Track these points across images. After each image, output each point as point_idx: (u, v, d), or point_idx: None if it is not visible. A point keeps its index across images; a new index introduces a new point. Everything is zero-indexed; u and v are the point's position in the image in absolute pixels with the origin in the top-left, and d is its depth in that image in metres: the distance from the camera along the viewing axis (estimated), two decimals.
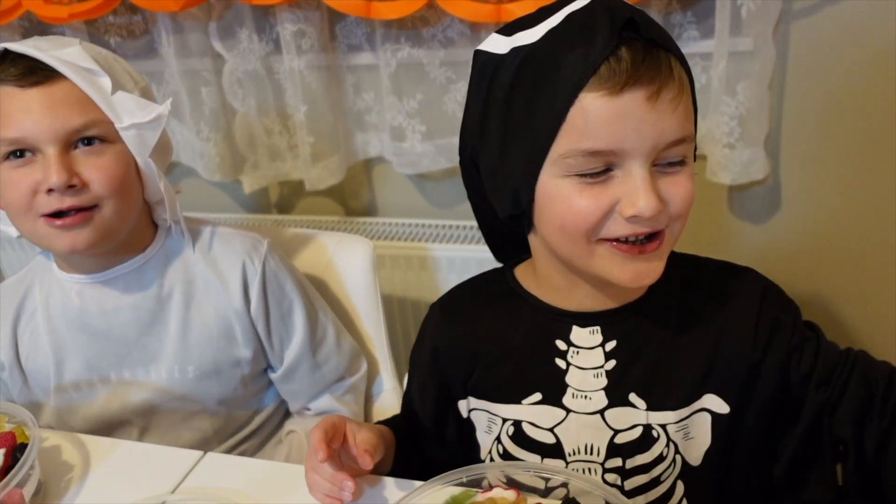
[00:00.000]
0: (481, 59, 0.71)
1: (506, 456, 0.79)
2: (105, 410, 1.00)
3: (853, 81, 1.25)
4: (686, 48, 0.75)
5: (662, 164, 0.67)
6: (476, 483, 0.68)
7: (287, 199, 1.70)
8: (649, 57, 0.64)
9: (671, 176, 0.68)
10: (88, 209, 0.88)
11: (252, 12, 1.43)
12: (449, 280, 1.48)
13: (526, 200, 0.70)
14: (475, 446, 0.83)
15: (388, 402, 1.12)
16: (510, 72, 0.68)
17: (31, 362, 1.00)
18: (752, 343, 0.75)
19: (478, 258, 1.43)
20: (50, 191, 0.85)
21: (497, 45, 0.70)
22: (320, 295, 1.09)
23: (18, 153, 0.87)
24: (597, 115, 0.65)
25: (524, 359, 0.79)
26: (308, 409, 1.07)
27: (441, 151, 1.45)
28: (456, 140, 0.94)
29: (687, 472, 0.76)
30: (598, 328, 0.77)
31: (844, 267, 1.39)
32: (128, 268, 0.97)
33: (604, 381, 0.76)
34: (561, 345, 0.77)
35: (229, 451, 1.04)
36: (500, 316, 0.81)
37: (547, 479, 0.69)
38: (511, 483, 0.68)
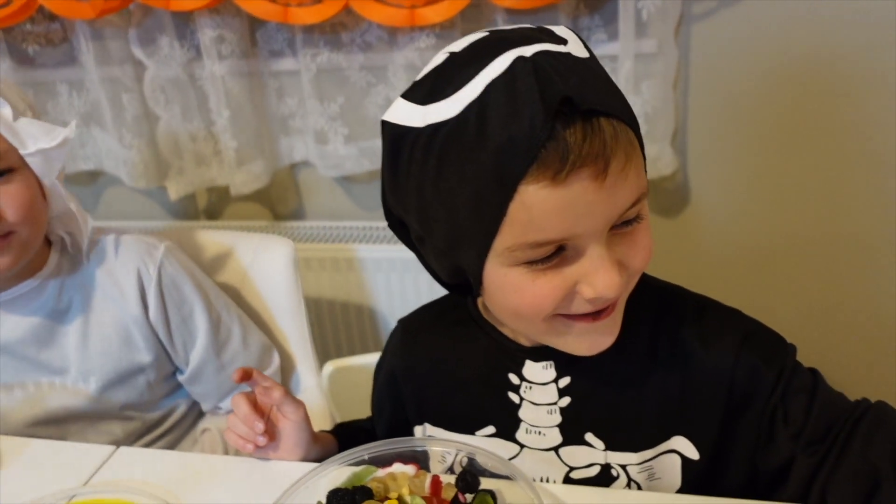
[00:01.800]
0: (393, 131, 0.62)
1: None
2: (28, 413, 1.00)
3: (753, 79, 1.32)
4: (596, 50, 0.73)
5: (618, 226, 0.61)
6: (377, 461, 0.70)
7: (214, 205, 1.71)
8: (591, 132, 0.56)
9: (628, 237, 0.62)
10: (4, 236, 0.89)
11: (172, 19, 1.44)
12: (376, 280, 1.51)
13: (474, 284, 0.65)
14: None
15: (309, 398, 1.14)
16: (431, 153, 0.59)
17: None
18: (727, 391, 0.69)
19: (403, 258, 1.47)
20: None
21: (410, 116, 0.61)
22: (239, 294, 1.11)
23: None
24: (541, 208, 0.57)
25: (478, 390, 0.77)
26: (220, 408, 1.08)
27: (364, 153, 1.48)
28: (378, 143, 0.99)
29: None
30: (552, 363, 0.73)
31: (754, 259, 1.46)
32: (25, 288, 0.97)
33: (558, 418, 0.73)
34: (514, 378, 0.74)
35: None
36: (457, 344, 0.79)
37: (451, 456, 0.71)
38: (411, 459, 0.71)
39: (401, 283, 1.50)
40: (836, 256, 1.41)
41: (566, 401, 0.73)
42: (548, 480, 0.74)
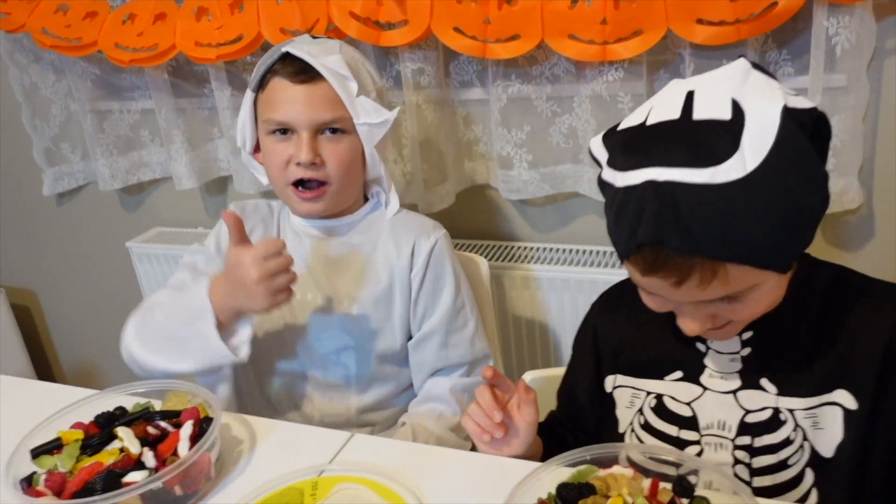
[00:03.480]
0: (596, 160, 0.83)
1: (646, 426, 0.90)
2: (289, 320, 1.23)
3: None
4: (782, 84, 0.82)
5: (712, 303, 0.77)
6: (598, 461, 0.78)
7: None
8: (668, 263, 0.72)
9: (729, 303, 0.77)
10: (323, 183, 1.15)
11: (374, 51, 1.58)
12: (549, 298, 1.59)
13: None
14: (613, 422, 0.94)
15: None
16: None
17: None
18: (884, 349, 0.80)
19: (576, 278, 1.54)
20: (298, 164, 1.13)
21: (600, 156, 0.81)
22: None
23: (282, 131, 1.15)
24: (633, 275, 0.79)
25: (669, 341, 0.90)
26: (420, 392, 1.22)
27: (545, 179, 1.56)
28: (559, 168, 1.40)
29: (818, 462, 0.82)
30: None
31: None
32: (337, 223, 1.24)
33: (739, 365, 0.86)
34: None
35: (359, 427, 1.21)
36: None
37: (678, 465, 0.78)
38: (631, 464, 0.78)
39: (573, 302, 1.57)
40: None
41: (747, 350, 0.86)
42: (724, 425, 0.86)
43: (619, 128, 0.79)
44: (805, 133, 0.72)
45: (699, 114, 0.71)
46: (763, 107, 0.70)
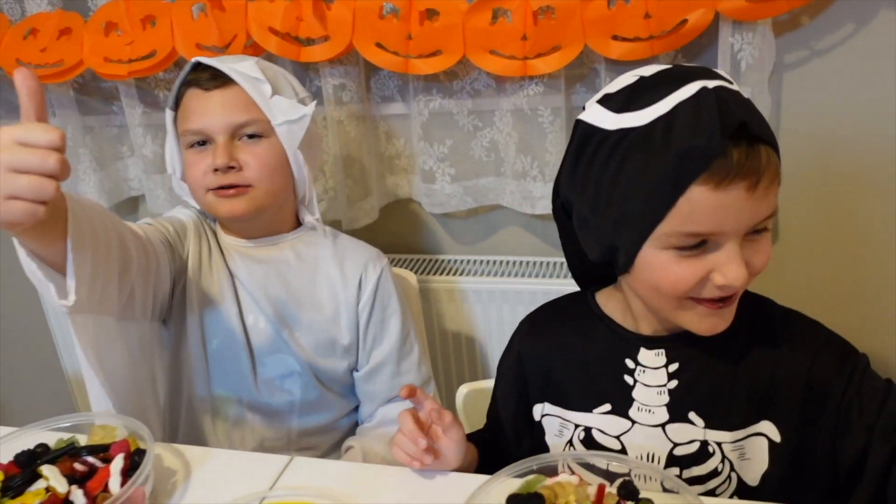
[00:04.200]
0: (584, 129, 0.80)
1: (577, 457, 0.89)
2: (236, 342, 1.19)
3: (841, 125, 1.39)
4: None
5: (750, 233, 0.76)
6: (545, 470, 0.79)
7: None
8: (752, 154, 0.72)
9: (756, 243, 0.77)
10: (244, 186, 1.12)
11: (293, 67, 1.57)
12: (475, 310, 1.60)
13: (624, 262, 0.81)
14: (545, 448, 0.94)
15: None
16: (618, 151, 0.76)
17: None
18: (804, 386, 0.82)
19: (502, 289, 1.56)
20: (216, 170, 1.10)
21: (603, 119, 0.78)
22: None
23: (200, 143, 1.13)
24: (702, 205, 0.73)
25: (597, 373, 0.91)
26: (372, 419, 1.20)
27: (468, 192, 1.58)
28: (482, 182, 1.34)
29: (744, 490, 0.84)
30: (663, 351, 0.88)
31: (842, 301, 1.52)
32: (266, 242, 1.21)
33: (666, 399, 0.87)
34: (629, 363, 0.89)
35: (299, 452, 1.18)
36: (579, 333, 0.94)
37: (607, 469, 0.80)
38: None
39: (499, 313, 1.59)
40: None
41: (674, 383, 0.87)
42: (653, 457, 0.87)
43: (614, 91, 0.80)
44: None
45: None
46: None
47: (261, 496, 0.86)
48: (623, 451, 0.88)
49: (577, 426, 0.91)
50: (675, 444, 0.86)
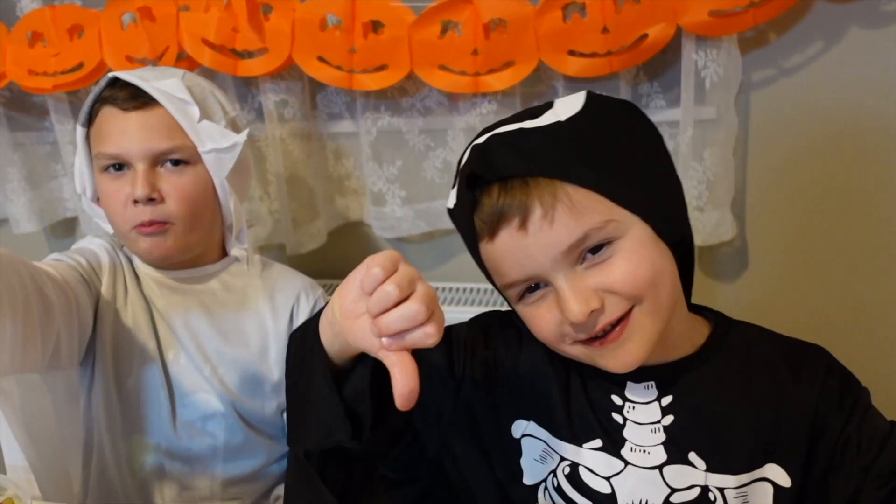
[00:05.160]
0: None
1: (559, 491, 0.79)
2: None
3: (811, 145, 1.32)
4: (654, 116, 0.81)
5: (585, 260, 0.70)
6: None
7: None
8: (503, 194, 0.69)
9: (599, 265, 0.70)
10: (164, 223, 1.01)
11: (234, 82, 1.47)
12: None
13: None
14: (517, 470, 0.82)
15: None
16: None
17: None
18: (812, 418, 0.75)
19: (457, 318, 1.46)
20: (136, 202, 1.00)
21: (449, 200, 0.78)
22: None
23: (116, 167, 1.02)
24: (493, 260, 0.73)
25: (584, 407, 0.79)
26: None
27: (420, 216, 1.49)
28: (434, 205, 1.28)
29: None
30: (653, 383, 0.78)
31: (812, 321, 1.44)
32: (191, 273, 1.11)
33: (662, 437, 0.76)
34: (617, 399, 0.78)
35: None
36: (563, 361, 0.80)
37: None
38: None
39: None
40: None
41: (669, 419, 0.77)
42: None
43: None
44: (621, 111, 0.77)
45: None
46: (572, 98, 0.75)
47: None
48: (613, 494, 0.77)
49: (563, 458, 0.79)
50: (673, 490, 0.75)
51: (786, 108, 1.31)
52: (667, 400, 0.77)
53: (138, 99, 1.00)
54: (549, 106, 0.74)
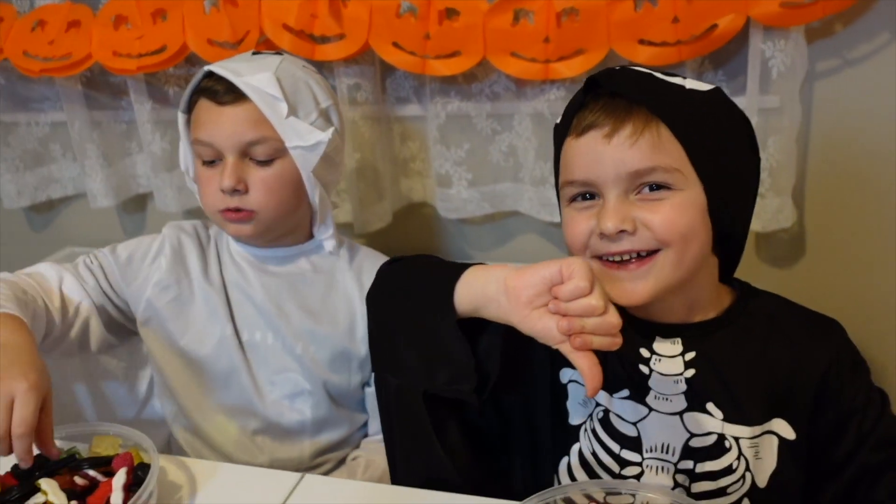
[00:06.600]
0: None
1: (594, 434, 0.89)
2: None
3: (872, 137, 1.35)
4: None
5: (641, 192, 0.80)
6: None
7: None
8: (607, 106, 0.80)
9: (649, 203, 0.79)
10: (248, 212, 1.08)
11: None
12: None
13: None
14: (563, 412, 0.92)
15: None
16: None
17: None
18: (820, 384, 0.84)
19: None
20: (223, 190, 1.07)
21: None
22: None
23: (209, 162, 1.09)
24: (569, 154, 0.83)
25: (614, 359, 0.86)
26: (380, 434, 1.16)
27: (485, 197, 1.54)
28: (499, 187, 1.39)
29: (755, 492, 0.83)
30: (680, 339, 0.87)
31: (862, 311, 1.47)
32: (281, 252, 1.17)
33: (683, 387, 0.86)
34: (644, 352, 0.88)
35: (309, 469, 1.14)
36: None
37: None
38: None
39: None
40: None
41: (691, 372, 0.86)
42: (668, 448, 0.86)
43: None
44: (737, 114, 0.87)
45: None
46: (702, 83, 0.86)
47: None
48: (638, 437, 0.87)
49: (597, 404, 0.90)
50: (692, 435, 0.85)
51: (849, 99, 1.34)
52: (690, 355, 0.86)
53: (231, 93, 1.06)
54: (680, 76, 0.85)
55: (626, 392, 0.88)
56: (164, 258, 1.15)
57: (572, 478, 0.91)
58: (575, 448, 0.91)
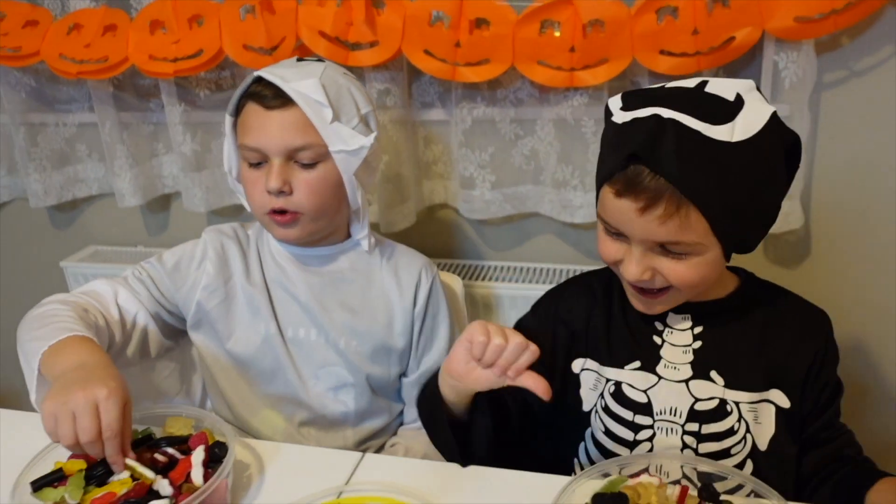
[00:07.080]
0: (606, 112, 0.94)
1: (606, 410, 1.00)
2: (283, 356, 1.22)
3: (876, 144, 1.43)
4: None
5: (663, 249, 0.89)
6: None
7: None
8: (649, 183, 0.84)
9: (671, 260, 0.89)
10: (294, 213, 1.13)
11: None
12: (510, 316, 1.62)
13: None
14: (577, 400, 1.03)
15: None
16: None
17: None
18: (809, 366, 0.98)
19: (536, 296, 1.57)
20: (269, 192, 1.11)
21: (615, 113, 0.91)
22: None
23: (256, 164, 1.14)
24: (605, 202, 0.90)
25: (630, 333, 1.02)
26: (416, 422, 1.21)
27: (507, 199, 1.60)
28: (520, 189, 1.46)
29: (756, 454, 0.95)
30: (690, 315, 1.00)
31: (866, 311, 1.55)
32: (321, 251, 1.22)
33: (690, 357, 0.99)
34: (658, 325, 1.01)
35: None
36: (612, 301, 1.05)
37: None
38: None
39: None
40: None
41: (698, 344, 0.99)
42: (675, 411, 0.97)
43: (640, 90, 0.93)
44: (782, 144, 0.88)
45: (710, 89, 0.87)
46: (758, 104, 0.86)
47: (337, 491, 0.88)
48: (649, 403, 0.98)
49: (608, 380, 1.01)
50: (697, 399, 0.97)
51: (855, 108, 1.42)
52: (698, 329, 0.99)
53: (278, 98, 1.10)
54: (737, 107, 0.84)
55: (637, 363, 1.00)
56: (209, 262, 1.20)
57: (590, 460, 1.03)
58: (588, 433, 1.03)
